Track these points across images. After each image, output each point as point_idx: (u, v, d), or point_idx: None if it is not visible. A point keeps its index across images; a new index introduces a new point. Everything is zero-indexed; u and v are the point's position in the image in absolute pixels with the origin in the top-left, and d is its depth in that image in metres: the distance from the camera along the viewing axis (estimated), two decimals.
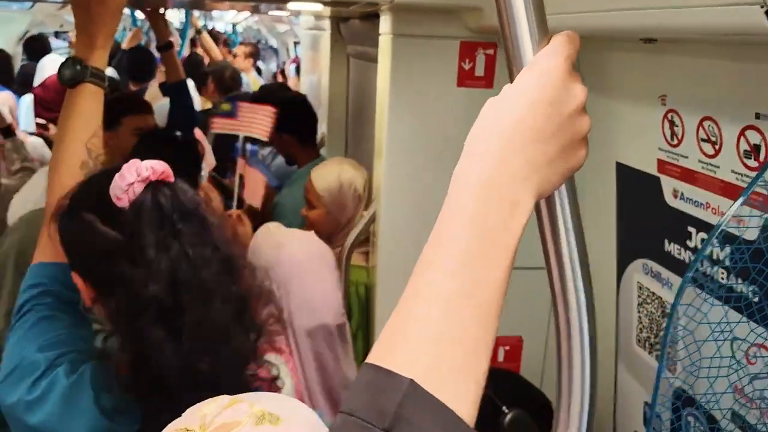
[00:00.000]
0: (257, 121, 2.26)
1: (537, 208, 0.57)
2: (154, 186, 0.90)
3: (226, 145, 2.79)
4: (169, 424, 0.63)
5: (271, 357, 1.05)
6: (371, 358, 0.47)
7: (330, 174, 1.98)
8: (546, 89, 0.51)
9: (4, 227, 1.84)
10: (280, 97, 2.75)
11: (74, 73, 1.11)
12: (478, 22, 1.49)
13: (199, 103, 4.14)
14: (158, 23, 2.79)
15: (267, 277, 1.21)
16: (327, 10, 2.34)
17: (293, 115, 2.50)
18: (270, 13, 3.98)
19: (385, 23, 1.66)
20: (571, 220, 0.57)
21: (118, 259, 0.88)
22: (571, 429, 0.62)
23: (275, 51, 8.47)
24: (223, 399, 0.64)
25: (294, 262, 1.51)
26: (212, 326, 0.89)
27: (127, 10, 6.03)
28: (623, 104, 1.32)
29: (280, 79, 6.57)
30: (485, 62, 1.58)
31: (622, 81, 1.32)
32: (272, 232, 1.64)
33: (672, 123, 1.15)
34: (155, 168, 0.91)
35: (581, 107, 0.53)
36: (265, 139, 2.38)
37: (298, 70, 5.15)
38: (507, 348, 1.81)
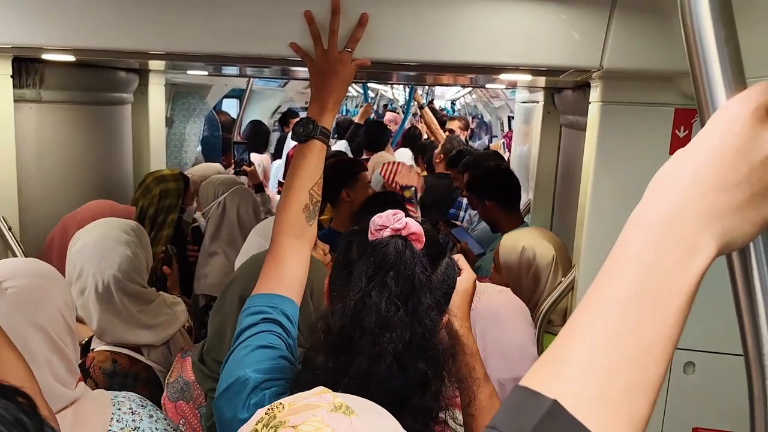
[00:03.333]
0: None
1: (729, 263, 0.55)
2: (400, 239, 0.94)
3: None
4: None
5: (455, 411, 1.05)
6: (523, 382, 0.48)
7: (514, 240, 2.00)
8: (731, 135, 0.50)
9: None
10: (484, 164, 2.85)
11: (306, 131, 1.29)
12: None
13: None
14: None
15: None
16: (541, 81, 2.40)
17: (496, 181, 2.58)
18: (488, 86, 4.15)
19: (595, 91, 1.67)
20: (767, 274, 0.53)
21: (335, 284, 0.98)
22: None
23: (487, 125, 8.71)
24: (319, 388, 0.68)
25: (492, 311, 1.51)
26: (388, 372, 0.89)
27: (360, 88, 6.72)
28: None
29: None
30: None
31: None
32: None
33: None
34: (410, 225, 0.96)
35: None
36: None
37: (509, 145, 5.25)
38: None
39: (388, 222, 0.95)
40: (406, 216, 0.97)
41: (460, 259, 1.18)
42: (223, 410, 1.03)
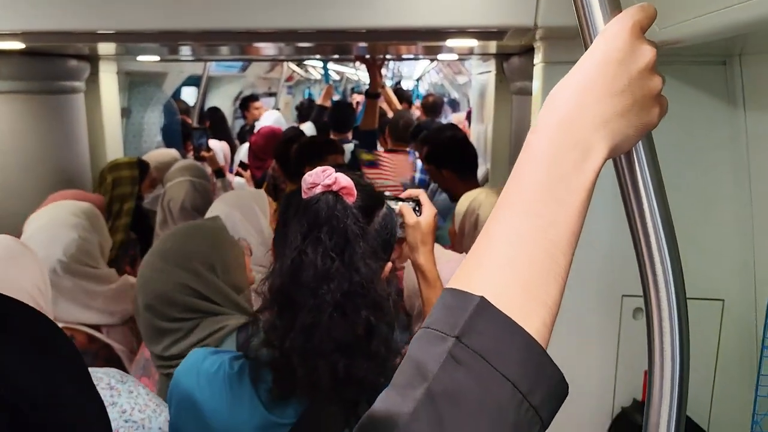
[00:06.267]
0: (398, 168, 2.44)
1: (617, 167, 0.61)
2: (331, 195, 0.97)
3: None
4: None
5: None
6: (450, 284, 0.52)
7: (468, 197, 2.09)
8: (613, 51, 0.56)
9: None
10: (440, 135, 2.90)
11: None
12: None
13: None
14: (375, 73, 3.13)
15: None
16: (490, 48, 2.45)
17: (451, 151, 2.63)
18: (440, 57, 4.19)
19: (538, 53, 1.72)
20: (650, 178, 0.59)
21: (277, 244, 1.02)
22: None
23: (456, 103, 8.79)
24: None
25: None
26: (323, 328, 0.93)
27: (321, 68, 6.71)
28: None
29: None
30: None
31: None
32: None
33: None
34: (339, 180, 0.98)
35: (650, 66, 0.57)
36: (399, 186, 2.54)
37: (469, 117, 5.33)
38: None
39: (318, 179, 0.97)
40: (336, 171, 0.99)
41: (421, 194, 1.25)
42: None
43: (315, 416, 0.93)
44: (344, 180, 0.98)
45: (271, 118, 5.65)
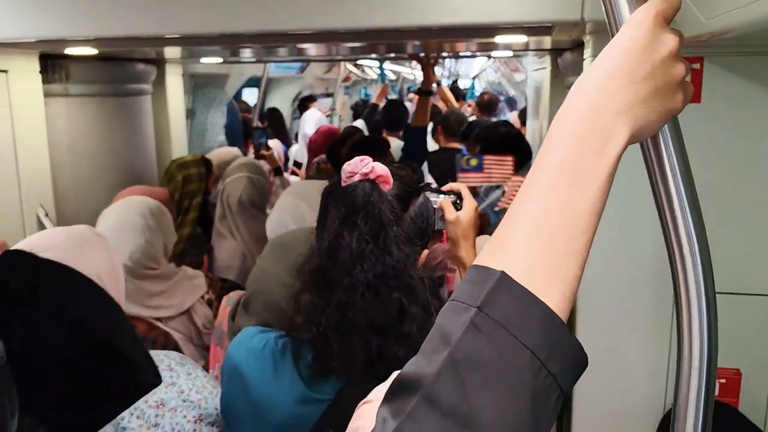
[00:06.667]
0: (500, 171, 2.46)
1: (644, 152, 0.63)
2: (368, 182, 1.02)
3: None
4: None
5: None
6: (476, 262, 0.56)
7: None
8: (637, 39, 0.58)
9: None
10: (494, 132, 2.91)
11: None
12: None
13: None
14: (428, 70, 3.18)
15: None
16: (545, 44, 2.44)
17: (506, 147, 2.64)
18: (494, 54, 4.17)
19: (588, 47, 1.72)
20: (677, 162, 0.61)
21: (318, 228, 1.07)
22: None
23: (513, 101, 8.71)
24: None
25: None
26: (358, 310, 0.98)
27: (377, 68, 6.80)
28: None
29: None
30: (691, 77, 1.55)
31: None
32: None
33: None
34: (376, 169, 1.04)
35: (674, 54, 0.58)
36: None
37: (522, 114, 5.28)
38: (723, 381, 1.67)
39: (356, 168, 1.03)
40: (374, 161, 1.04)
41: (462, 188, 1.27)
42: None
43: (351, 394, 0.97)
44: (381, 169, 1.03)
45: (313, 117, 5.78)
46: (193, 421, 1.19)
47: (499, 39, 1.86)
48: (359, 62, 6.57)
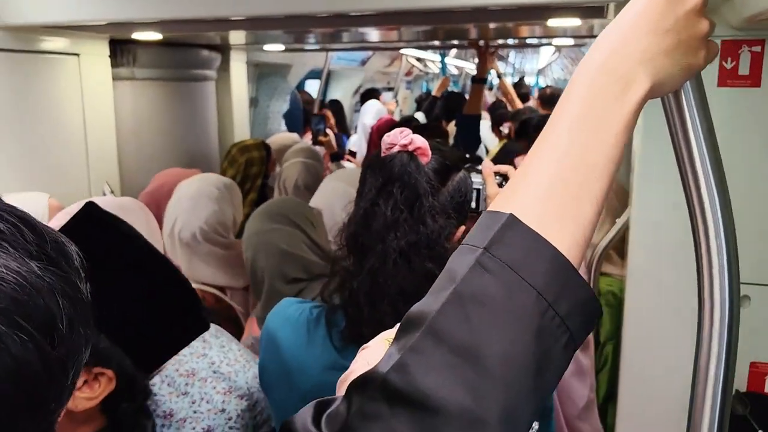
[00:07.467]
0: None
1: (665, 107, 0.62)
2: (406, 154, 1.04)
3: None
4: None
5: None
6: (489, 207, 0.56)
7: None
8: None
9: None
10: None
11: None
12: (739, 17, 1.43)
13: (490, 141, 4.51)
14: (484, 58, 3.17)
15: None
16: (594, 28, 2.38)
17: None
18: (556, 43, 4.08)
19: None
20: (698, 117, 0.60)
21: (357, 198, 1.10)
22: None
23: None
24: None
25: None
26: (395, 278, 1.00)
27: (439, 62, 6.79)
28: None
29: None
30: (751, 60, 1.48)
31: None
32: None
33: None
34: (415, 141, 1.05)
35: (698, 9, 0.58)
36: None
37: None
38: None
39: (395, 139, 1.04)
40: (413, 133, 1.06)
41: (510, 170, 1.24)
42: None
43: None
44: (420, 141, 1.05)
45: (374, 108, 5.82)
46: (223, 392, 1.21)
47: (551, 22, 1.84)
48: (421, 57, 6.58)
